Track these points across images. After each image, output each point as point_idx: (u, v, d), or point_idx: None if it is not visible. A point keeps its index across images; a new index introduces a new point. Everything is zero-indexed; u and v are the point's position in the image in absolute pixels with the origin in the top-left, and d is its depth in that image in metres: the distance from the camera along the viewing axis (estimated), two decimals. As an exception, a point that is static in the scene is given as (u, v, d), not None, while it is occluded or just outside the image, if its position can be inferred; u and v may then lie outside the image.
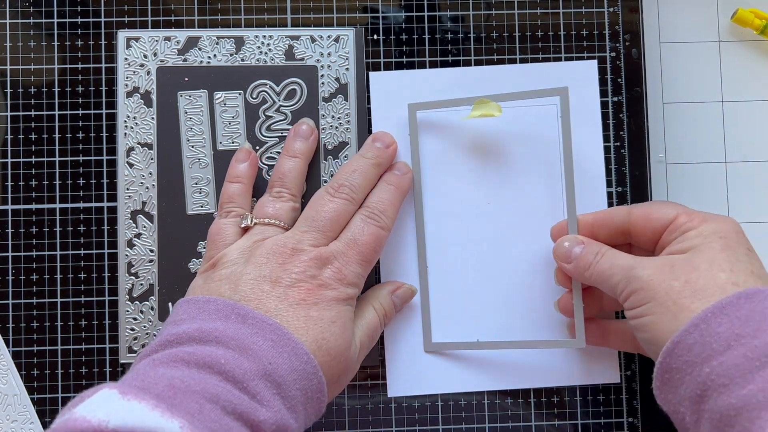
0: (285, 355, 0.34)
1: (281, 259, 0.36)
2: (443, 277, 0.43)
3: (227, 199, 0.40)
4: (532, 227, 0.43)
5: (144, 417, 0.28)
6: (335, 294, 0.36)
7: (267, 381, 0.33)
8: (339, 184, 0.39)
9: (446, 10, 0.44)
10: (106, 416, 0.28)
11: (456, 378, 0.42)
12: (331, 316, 0.36)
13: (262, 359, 0.33)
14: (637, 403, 0.43)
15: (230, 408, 0.31)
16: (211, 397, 0.31)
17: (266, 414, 0.32)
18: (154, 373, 0.31)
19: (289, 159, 0.41)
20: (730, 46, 0.46)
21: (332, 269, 0.37)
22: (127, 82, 0.42)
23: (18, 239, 0.43)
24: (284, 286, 0.36)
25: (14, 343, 0.42)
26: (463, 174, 0.43)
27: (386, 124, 0.43)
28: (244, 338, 0.33)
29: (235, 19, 0.44)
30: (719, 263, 0.34)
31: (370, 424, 0.43)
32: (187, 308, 0.36)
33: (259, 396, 0.32)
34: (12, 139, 0.43)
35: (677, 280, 0.34)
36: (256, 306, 0.35)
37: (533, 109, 0.43)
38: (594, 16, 0.44)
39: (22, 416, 0.42)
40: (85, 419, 0.28)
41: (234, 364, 0.32)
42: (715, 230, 0.35)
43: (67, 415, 0.29)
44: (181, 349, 0.33)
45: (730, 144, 0.45)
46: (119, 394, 0.29)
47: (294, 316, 0.35)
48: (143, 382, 0.31)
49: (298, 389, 0.34)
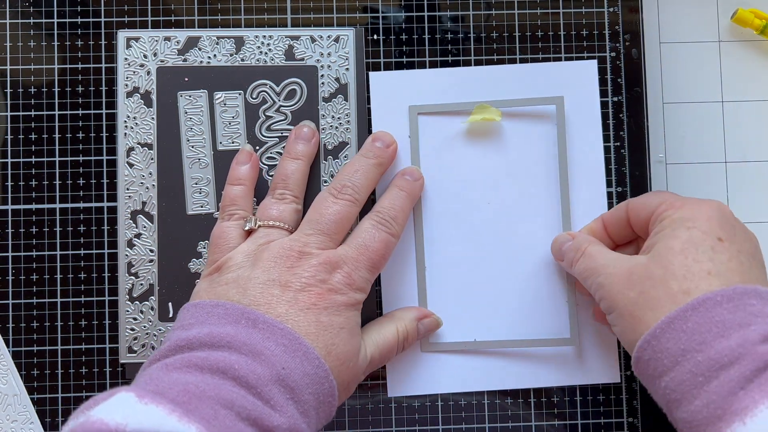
0: (297, 359, 0.33)
1: (289, 262, 0.36)
2: (442, 278, 0.43)
3: (229, 201, 0.40)
4: (531, 228, 0.43)
5: (161, 421, 0.28)
6: (345, 299, 0.36)
7: (280, 386, 0.33)
8: (342, 185, 0.39)
9: (446, 10, 0.44)
10: (123, 419, 0.28)
11: (456, 378, 0.42)
12: (341, 321, 0.36)
13: (275, 364, 0.33)
14: (637, 403, 0.43)
15: (244, 414, 0.31)
16: (226, 402, 0.30)
17: (280, 419, 0.32)
18: (168, 377, 0.31)
19: (291, 161, 0.41)
20: (730, 46, 0.46)
21: (342, 274, 0.37)
22: (127, 82, 0.42)
23: (18, 239, 0.43)
24: (294, 290, 0.35)
25: (14, 343, 0.42)
26: (462, 174, 0.43)
27: (386, 124, 0.43)
28: (255, 343, 0.33)
29: (235, 19, 0.44)
30: (673, 270, 0.33)
31: (370, 424, 0.43)
32: (195, 312, 0.35)
33: (273, 401, 0.32)
34: (12, 139, 0.43)
35: (633, 290, 0.34)
36: (266, 310, 0.35)
37: (532, 110, 0.43)
38: (594, 16, 0.44)
39: (22, 416, 0.42)
40: (103, 422, 0.28)
41: (247, 370, 0.32)
42: (684, 218, 0.35)
43: (83, 418, 0.29)
44: (193, 354, 0.33)
45: (730, 144, 0.45)
46: (136, 397, 0.29)
47: (305, 321, 0.35)
48: (158, 387, 0.30)
49: (310, 394, 0.34)
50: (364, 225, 0.39)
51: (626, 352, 0.43)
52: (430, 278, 0.43)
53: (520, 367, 0.43)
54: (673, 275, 0.33)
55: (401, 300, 0.43)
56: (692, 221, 0.34)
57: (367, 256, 0.37)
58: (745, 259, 0.34)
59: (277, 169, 0.41)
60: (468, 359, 0.43)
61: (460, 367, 0.43)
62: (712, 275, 0.33)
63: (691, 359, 0.31)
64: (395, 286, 0.43)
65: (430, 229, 0.43)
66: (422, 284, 0.43)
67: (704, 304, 0.32)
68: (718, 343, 0.31)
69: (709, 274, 0.33)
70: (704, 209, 0.35)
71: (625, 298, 0.34)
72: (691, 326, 0.32)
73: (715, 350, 0.31)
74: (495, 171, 0.43)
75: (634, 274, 0.34)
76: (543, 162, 0.43)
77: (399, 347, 0.40)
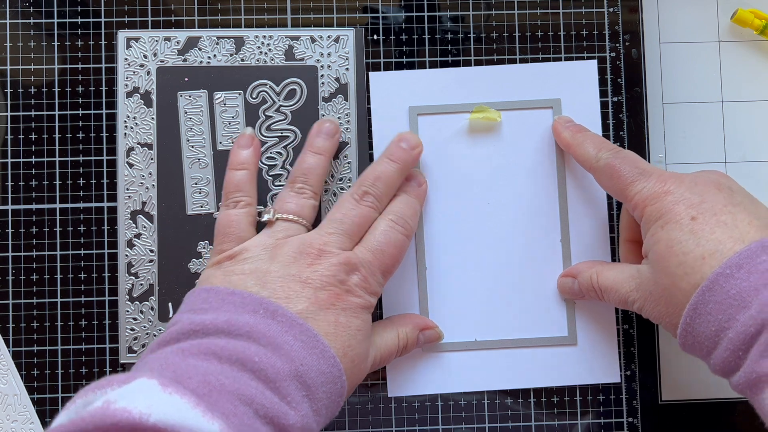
0: (314, 357, 0.33)
1: (309, 259, 0.36)
2: (442, 277, 0.43)
3: (234, 187, 0.39)
4: (530, 228, 0.43)
5: (186, 414, 0.28)
6: (361, 302, 0.36)
7: (297, 382, 0.32)
8: (364, 191, 0.38)
9: (446, 10, 0.44)
10: (147, 409, 0.27)
11: (456, 378, 0.42)
12: (358, 324, 0.36)
13: (293, 359, 0.32)
14: (637, 403, 0.43)
15: (262, 412, 0.30)
16: (245, 399, 0.30)
17: (295, 418, 0.32)
18: (185, 364, 0.30)
19: (313, 155, 0.40)
20: (730, 46, 0.46)
21: (359, 277, 0.36)
22: (127, 82, 0.42)
23: (18, 239, 0.43)
24: (314, 287, 0.35)
25: (14, 343, 0.42)
26: (462, 175, 0.43)
27: (386, 124, 0.43)
28: (275, 336, 0.33)
29: (235, 19, 0.44)
30: (673, 271, 0.34)
31: (370, 424, 0.43)
32: (207, 297, 0.35)
33: (290, 398, 0.32)
34: (12, 139, 0.43)
35: (652, 299, 0.36)
36: (285, 305, 0.34)
37: (532, 110, 0.43)
38: (594, 16, 0.44)
39: (22, 416, 0.42)
40: (125, 410, 0.27)
41: (267, 363, 0.32)
42: (654, 216, 0.35)
43: (99, 400, 0.28)
44: (211, 340, 0.32)
45: (730, 144, 0.45)
46: (160, 386, 0.28)
47: (324, 320, 0.34)
48: (176, 374, 0.30)
49: (324, 392, 0.33)
50: (380, 227, 0.38)
51: (626, 352, 0.43)
52: (431, 278, 0.43)
53: (520, 367, 0.43)
54: (676, 276, 0.34)
55: (402, 300, 0.43)
56: (663, 216, 0.35)
57: (383, 260, 0.37)
58: (728, 218, 0.34)
59: (298, 162, 0.40)
60: (468, 359, 0.43)
61: (460, 366, 0.43)
62: (706, 257, 0.33)
63: (724, 338, 0.32)
64: (396, 286, 0.43)
65: (430, 229, 0.43)
66: (423, 284, 0.43)
67: (717, 282, 0.32)
68: (742, 315, 0.31)
69: (703, 258, 0.33)
70: (668, 199, 0.35)
71: (652, 309, 0.36)
72: (712, 307, 0.32)
73: (741, 323, 0.31)
74: (495, 171, 0.43)
75: (645, 285, 0.36)
76: (543, 162, 0.43)
77: (398, 353, 0.40)
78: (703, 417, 0.43)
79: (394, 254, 0.38)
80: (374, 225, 0.38)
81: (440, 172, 0.43)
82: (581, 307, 0.43)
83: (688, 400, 0.43)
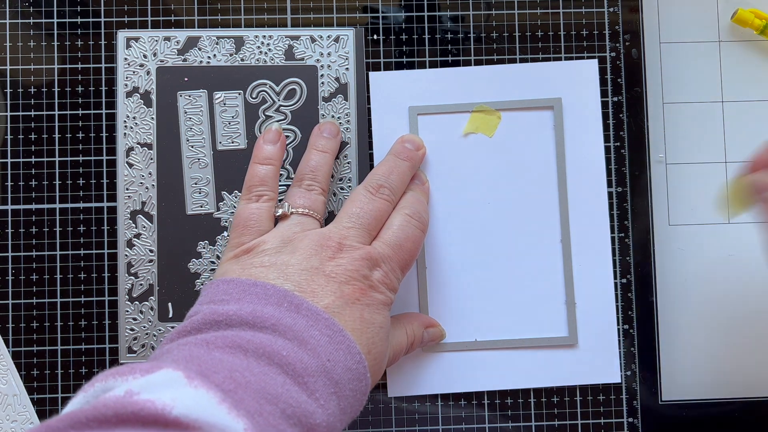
0: (341, 352, 0.32)
1: (330, 252, 0.35)
2: (442, 278, 0.43)
3: (258, 181, 0.39)
4: (530, 228, 0.43)
5: (211, 410, 0.27)
6: (383, 298, 0.35)
7: (326, 378, 0.31)
8: (378, 184, 0.38)
9: (446, 10, 0.44)
10: (171, 401, 0.26)
11: (456, 378, 0.42)
12: (381, 320, 0.35)
13: (320, 354, 0.31)
14: (637, 403, 0.43)
15: (289, 411, 0.29)
16: (271, 397, 0.29)
17: (322, 416, 0.30)
18: (210, 357, 0.30)
19: (318, 153, 0.40)
20: (730, 46, 0.46)
21: (381, 272, 0.36)
22: (127, 82, 0.42)
23: (18, 239, 0.43)
24: (339, 282, 0.34)
25: (14, 343, 0.42)
26: (462, 174, 0.43)
27: (386, 124, 0.43)
28: (300, 330, 0.32)
29: (235, 19, 0.44)
30: None
31: (370, 424, 0.43)
32: (227, 288, 0.34)
33: (317, 394, 0.31)
34: (12, 139, 0.43)
35: None
36: (311, 299, 0.33)
37: (532, 111, 0.43)
38: (594, 16, 0.44)
39: (22, 416, 0.42)
40: (149, 400, 0.26)
41: (295, 358, 0.31)
42: None
43: (123, 392, 0.27)
44: (236, 332, 0.31)
45: (730, 144, 0.45)
46: (185, 378, 0.27)
47: (350, 316, 0.34)
48: (201, 367, 0.29)
49: (350, 390, 0.32)
50: (396, 222, 0.38)
51: (626, 352, 0.43)
52: (431, 278, 0.43)
53: (520, 367, 0.43)
54: None
55: (402, 300, 0.43)
56: None
57: (402, 256, 0.37)
58: None
59: (304, 160, 0.40)
60: (468, 359, 0.43)
61: (461, 366, 0.43)
62: None
63: None
64: (395, 286, 0.43)
65: (430, 229, 0.43)
66: (423, 284, 0.43)
67: None
68: None
69: None
70: None
71: None
72: None
73: None
74: (495, 171, 0.43)
75: None
76: (543, 162, 0.43)
77: (406, 351, 0.40)
78: (703, 417, 0.43)
79: (412, 249, 0.37)
80: (390, 220, 0.38)
81: (440, 172, 0.43)
82: (581, 307, 0.43)
83: (688, 400, 0.43)
